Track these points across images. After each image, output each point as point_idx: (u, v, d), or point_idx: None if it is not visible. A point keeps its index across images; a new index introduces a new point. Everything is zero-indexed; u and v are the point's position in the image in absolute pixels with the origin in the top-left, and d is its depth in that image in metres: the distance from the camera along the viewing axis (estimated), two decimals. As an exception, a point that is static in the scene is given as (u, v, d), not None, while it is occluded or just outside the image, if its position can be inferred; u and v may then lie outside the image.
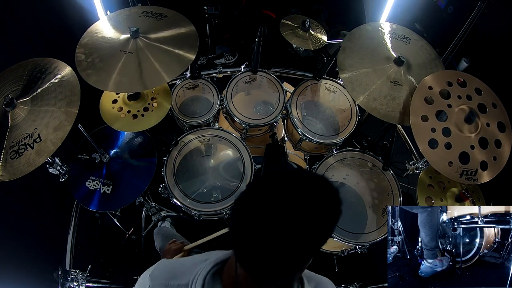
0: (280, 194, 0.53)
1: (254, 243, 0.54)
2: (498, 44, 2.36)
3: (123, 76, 1.40)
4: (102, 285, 1.91)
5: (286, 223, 0.52)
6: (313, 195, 0.54)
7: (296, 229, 0.52)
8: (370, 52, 1.66)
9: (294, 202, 0.52)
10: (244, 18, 3.14)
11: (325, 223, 0.55)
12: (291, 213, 0.52)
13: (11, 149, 1.25)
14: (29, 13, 1.92)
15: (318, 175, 0.59)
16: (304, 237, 0.53)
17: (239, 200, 0.58)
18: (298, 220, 0.52)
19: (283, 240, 0.52)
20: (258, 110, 1.94)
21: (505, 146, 1.42)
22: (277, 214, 0.52)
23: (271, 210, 0.52)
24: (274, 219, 0.52)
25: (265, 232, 0.52)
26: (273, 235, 0.52)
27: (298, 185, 0.55)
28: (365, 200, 1.79)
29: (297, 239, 0.53)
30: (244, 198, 0.58)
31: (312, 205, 0.53)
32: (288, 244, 0.52)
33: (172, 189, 1.66)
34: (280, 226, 0.52)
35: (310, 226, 0.53)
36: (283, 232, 0.52)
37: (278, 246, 0.52)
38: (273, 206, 0.52)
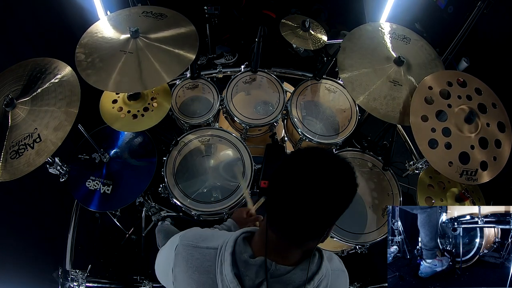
0: (308, 170, 0.66)
1: (286, 209, 0.66)
2: (498, 44, 2.35)
3: (123, 76, 1.40)
4: (102, 285, 1.91)
5: (312, 193, 0.63)
6: (334, 172, 0.66)
7: (320, 198, 0.64)
8: (370, 52, 1.66)
9: (319, 176, 0.64)
10: (244, 18, 3.14)
11: (343, 194, 0.67)
12: (316, 185, 0.64)
13: (11, 149, 1.25)
14: (29, 13, 1.92)
15: (340, 157, 0.71)
16: (326, 205, 0.65)
17: (275, 174, 0.69)
18: (321, 191, 0.64)
19: (310, 206, 0.64)
20: (258, 110, 1.94)
21: (505, 146, 1.42)
22: (305, 186, 0.64)
23: (300, 183, 0.64)
24: (303, 189, 0.64)
25: (296, 199, 0.64)
26: (301, 202, 0.64)
27: (323, 163, 0.67)
28: (365, 200, 1.79)
29: (320, 207, 0.64)
30: (278, 171, 0.69)
31: (333, 180, 0.65)
32: (313, 210, 0.64)
33: (172, 189, 1.66)
34: (308, 196, 0.64)
35: (331, 196, 0.65)
36: (310, 200, 0.64)
37: (305, 211, 0.64)
38: (302, 179, 0.65)
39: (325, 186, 0.64)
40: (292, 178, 0.66)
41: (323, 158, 0.68)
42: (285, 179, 0.67)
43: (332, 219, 0.69)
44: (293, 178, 0.66)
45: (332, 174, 0.66)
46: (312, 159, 0.68)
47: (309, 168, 0.66)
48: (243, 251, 0.73)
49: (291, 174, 0.67)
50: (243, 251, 0.73)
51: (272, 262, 0.72)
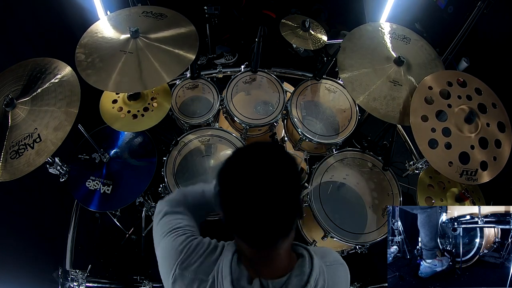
0: (250, 168, 0.66)
1: (241, 212, 0.65)
2: (498, 44, 2.35)
3: (123, 76, 1.40)
4: (102, 285, 1.91)
5: (260, 189, 0.64)
6: (276, 164, 0.67)
7: (269, 191, 0.64)
8: (370, 52, 1.66)
9: (261, 170, 0.65)
10: (244, 18, 3.14)
11: (289, 182, 0.67)
12: (261, 180, 0.64)
13: (11, 149, 1.25)
14: (29, 13, 1.92)
15: (277, 146, 0.74)
16: (278, 196, 0.64)
17: (221, 188, 0.69)
18: (267, 184, 0.64)
19: (263, 204, 0.64)
20: (258, 110, 1.94)
21: (505, 146, 1.42)
22: (252, 184, 0.64)
23: (248, 182, 0.65)
24: (251, 189, 0.64)
25: (246, 200, 0.64)
26: (254, 202, 0.64)
27: (262, 158, 0.68)
28: (365, 200, 1.79)
29: (273, 200, 0.64)
30: (223, 183, 0.69)
31: (277, 171, 0.66)
32: (267, 206, 0.64)
33: (172, 189, 1.66)
34: (257, 194, 0.64)
35: (279, 187, 0.65)
36: (261, 197, 0.64)
37: (260, 210, 0.64)
38: (247, 179, 0.65)
39: (270, 177, 0.65)
40: (236, 179, 0.66)
41: (258, 154, 0.69)
42: (230, 181, 0.67)
43: (289, 211, 0.68)
44: (238, 178, 0.66)
45: (274, 165, 0.66)
46: (249, 157, 0.69)
47: (250, 166, 0.66)
48: (240, 276, 0.72)
49: (232, 178, 0.67)
50: (240, 277, 0.72)
51: (268, 280, 0.71)
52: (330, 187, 1.82)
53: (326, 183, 1.80)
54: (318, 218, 1.63)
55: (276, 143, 0.72)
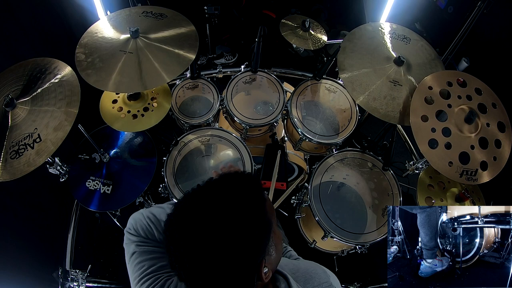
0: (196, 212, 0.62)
1: (189, 257, 0.59)
2: (498, 44, 2.35)
3: (123, 76, 1.40)
4: (102, 285, 1.91)
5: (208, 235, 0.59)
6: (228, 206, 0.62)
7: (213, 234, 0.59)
8: (370, 52, 1.66)
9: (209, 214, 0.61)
10: (244, 18, 3.14)
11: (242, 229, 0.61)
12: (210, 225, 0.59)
13: (11, 149, 1.25)
14: (29, 13, 1.92)
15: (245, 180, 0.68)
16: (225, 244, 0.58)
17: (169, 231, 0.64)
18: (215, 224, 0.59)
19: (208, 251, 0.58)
20: (258, 110, 1.94)
21: (505, 146, 1.42)
22: (199, 231, 0.59)
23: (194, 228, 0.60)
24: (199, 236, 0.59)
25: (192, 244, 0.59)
26: (200, 248, 0.58)
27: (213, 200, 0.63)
28: (365, 200, 1.79)
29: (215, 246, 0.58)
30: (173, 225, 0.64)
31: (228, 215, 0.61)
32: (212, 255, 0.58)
33: (172, 189, 1.66)
34: (204, 239, 0.59)
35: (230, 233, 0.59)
36: (206, 243, 0.58)
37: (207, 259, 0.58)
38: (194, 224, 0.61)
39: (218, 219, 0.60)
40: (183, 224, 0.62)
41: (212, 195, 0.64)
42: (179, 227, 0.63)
43: (241, 269, 0.60)
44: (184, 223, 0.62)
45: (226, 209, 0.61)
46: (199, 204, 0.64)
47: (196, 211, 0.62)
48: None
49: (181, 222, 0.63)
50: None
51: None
52: (330, 187, 1.82)
53: (326, 183, 1.80)
54: (318, 218, 1.63)
55: (245, 174, 0.69)
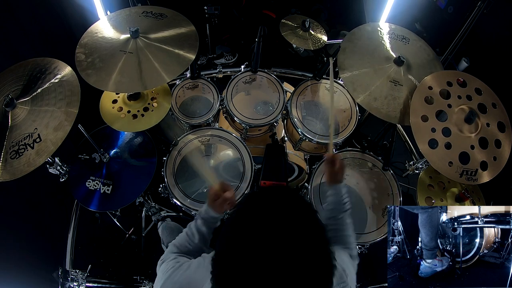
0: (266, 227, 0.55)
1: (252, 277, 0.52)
2: (498, 44, 2.35)
3: (123, 76, 1.40)
4: (102, 285, 1.91)
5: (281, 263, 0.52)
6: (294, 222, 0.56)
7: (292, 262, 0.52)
8: (370, 52, 1.66)
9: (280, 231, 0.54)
10: (244, 18, 3.14)
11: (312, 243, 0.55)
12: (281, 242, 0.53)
13: (11, 149, 1.25)
14: (29, 13, 1.92)
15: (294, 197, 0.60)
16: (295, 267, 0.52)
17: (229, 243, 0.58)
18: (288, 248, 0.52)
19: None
20: (258, 110, 1.94)
21: (505, 146, 1.42)
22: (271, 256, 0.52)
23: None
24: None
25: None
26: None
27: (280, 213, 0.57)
28: (365, 200, 1.79)
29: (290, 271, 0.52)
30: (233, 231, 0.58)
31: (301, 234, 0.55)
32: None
33: (172, 189, 1.66)
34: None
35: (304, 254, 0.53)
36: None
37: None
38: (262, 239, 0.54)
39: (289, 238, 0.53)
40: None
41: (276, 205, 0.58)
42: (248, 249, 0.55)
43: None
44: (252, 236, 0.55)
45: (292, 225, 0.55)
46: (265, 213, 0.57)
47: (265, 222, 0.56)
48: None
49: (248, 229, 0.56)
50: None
51: None
52: (330, 187, 1.81)
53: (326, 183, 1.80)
54: (318, 218, 1.63)
55: (291, 189, 0.58)
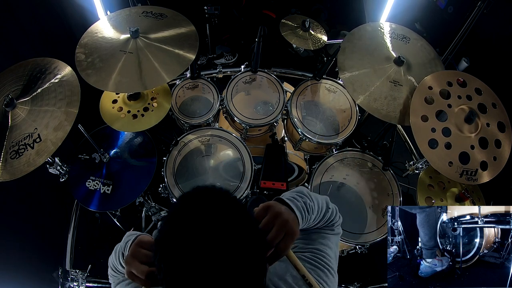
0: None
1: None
2: (498, 44, 2.35)
3: (123, 76, 1.40)
4: (102, 285, 1.91)
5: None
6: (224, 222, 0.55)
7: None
8: (370, 52, 1.66)
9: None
10: (244, 18, 3.14)
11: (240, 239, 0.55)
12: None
13: (11, 149, 1.25)
14: (29, 13, 1.92)
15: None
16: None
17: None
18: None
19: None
20: (258, 110, 1.94)
21: (505, 146, 1.42)
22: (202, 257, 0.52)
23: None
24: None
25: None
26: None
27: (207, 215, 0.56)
28: (365, 200, 1.79)
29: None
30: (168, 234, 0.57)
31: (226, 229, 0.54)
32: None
33: (172, 189, 1.66)
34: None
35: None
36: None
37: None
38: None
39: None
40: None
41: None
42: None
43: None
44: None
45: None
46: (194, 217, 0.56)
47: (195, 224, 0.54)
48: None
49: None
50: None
51: None
52: (330, 187, 1.81)
53: (326, 183, 1.80)
54: (318, 218, 1.63)
55: (221, 190, 0.60)
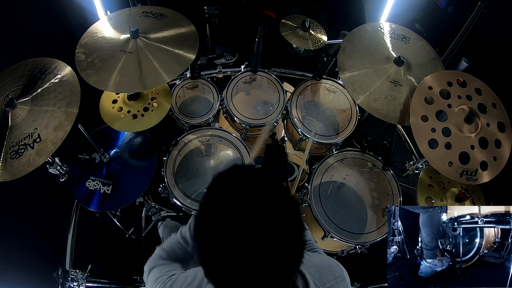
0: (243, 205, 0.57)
1: (230, 261, 0.55)
2: (498, 44, 2.35)
3: (123, 76, 1.40)
4: (102, 285, 1.91)
5: (257, 231, 0.54)
6: (273, 199, 0.59)
7: (268, 233, 0.54)
8: (370, 52, 1.66)
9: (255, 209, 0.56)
10: (244, 18, 3.14)
11: (290, 222, 0.58)
12: (258, 217, 0.55)
13: (11, 149, 1.25)
14: (29, 13, 1.92)
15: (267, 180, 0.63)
16: (278, 239, 0.55)
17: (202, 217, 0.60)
18: (266, 223, 0.55)
19: (260, 250, 0.54)
20: (258, 110, 1.94)
21: (505, 146, 1.42)
22: (247, 225, 0.55)
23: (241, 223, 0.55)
24: (246, 231, 0.54)
25: (242, 246, 0.54)
26: (249, 247, 0.54)
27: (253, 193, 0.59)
28: (365, 200, 1.79)
29: (274, 244, 0.54)
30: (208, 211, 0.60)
31: (276, 208, 0.57)
32: (266, 253, 0.54)
33: (172, 189, 1.66)
34: (254, 236, 0.54)
35: (280, 227, 0.56)
36: (258, 242, 0.54)
37: (256, 258, 0.54)
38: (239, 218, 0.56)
39: (265, 217, 0.55)
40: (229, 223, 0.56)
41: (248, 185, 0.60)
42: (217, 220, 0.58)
43: (289, 255, 0.57)
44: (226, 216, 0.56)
45: (267, 202, 0.57)
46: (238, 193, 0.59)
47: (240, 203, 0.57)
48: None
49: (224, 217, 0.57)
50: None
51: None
52: (330, 187, 1.82)
53: (326, 183, 1.80)
54: (318, 218, 1.63)
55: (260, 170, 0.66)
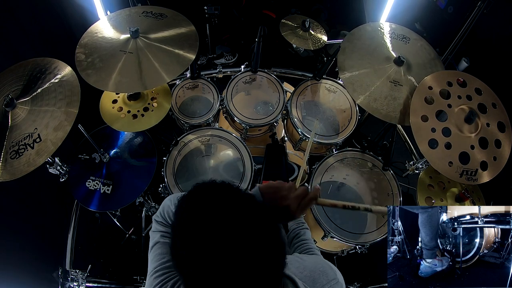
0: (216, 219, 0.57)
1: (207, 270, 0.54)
2: (498, 44, 2.35)
3: (123, 76, 1.40)
4: (102, 285, 1.91)
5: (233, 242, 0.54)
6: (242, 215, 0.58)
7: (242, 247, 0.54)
8: (370, 52, 1.66)
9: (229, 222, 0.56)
10: (244, 18, 3.14)
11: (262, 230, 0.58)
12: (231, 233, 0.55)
13: (11, 149, 1.25)
14: (29, 13, 1.92)
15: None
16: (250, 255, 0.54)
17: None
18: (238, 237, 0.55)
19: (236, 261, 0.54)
20: (258, 110, 1.95)
21: (505, 146, 1.42)
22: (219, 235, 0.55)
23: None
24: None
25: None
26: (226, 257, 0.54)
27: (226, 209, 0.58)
28: (365, 200, 1.79)
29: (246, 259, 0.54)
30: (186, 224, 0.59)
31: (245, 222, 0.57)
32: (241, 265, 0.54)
33: (172, 189, 1.66)
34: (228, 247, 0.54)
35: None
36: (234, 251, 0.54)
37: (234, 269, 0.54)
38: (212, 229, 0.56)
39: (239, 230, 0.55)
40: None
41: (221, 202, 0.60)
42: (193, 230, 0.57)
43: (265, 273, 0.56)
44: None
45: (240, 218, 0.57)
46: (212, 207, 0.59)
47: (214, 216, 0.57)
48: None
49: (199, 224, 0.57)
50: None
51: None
52: (330, 187, 1.82)
53: (326, 183, 1.80)
54: (318, 218, 1.63)
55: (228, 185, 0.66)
